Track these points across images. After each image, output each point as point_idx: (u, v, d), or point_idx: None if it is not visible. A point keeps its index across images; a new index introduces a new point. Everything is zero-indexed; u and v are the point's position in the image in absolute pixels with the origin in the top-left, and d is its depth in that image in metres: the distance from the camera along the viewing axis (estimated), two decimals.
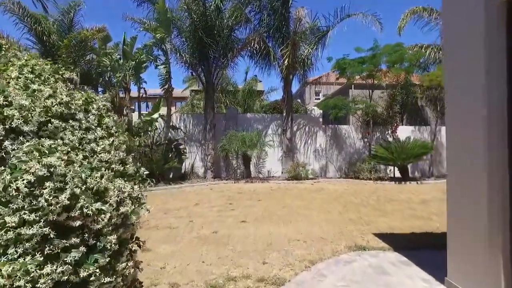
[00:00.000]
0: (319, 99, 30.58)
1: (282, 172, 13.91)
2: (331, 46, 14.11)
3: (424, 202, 8.37)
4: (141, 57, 12.05)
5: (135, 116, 13.71)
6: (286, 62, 12.77)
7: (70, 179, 1.57)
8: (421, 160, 12.93)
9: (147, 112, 13.75)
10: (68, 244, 1.53)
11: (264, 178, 13.32)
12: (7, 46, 2.27)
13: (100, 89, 12.78)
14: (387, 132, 14.76)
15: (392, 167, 14.04)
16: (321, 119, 14.78)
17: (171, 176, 13.84)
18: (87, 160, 1.77)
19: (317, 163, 14.55)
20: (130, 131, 12.65)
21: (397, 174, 13.91)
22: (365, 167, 13.10)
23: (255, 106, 21.63)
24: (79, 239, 1.56)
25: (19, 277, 1.36)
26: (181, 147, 13.54)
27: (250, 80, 23.99)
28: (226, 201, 8.60)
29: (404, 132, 14.40)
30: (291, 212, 7.19)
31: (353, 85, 19.44)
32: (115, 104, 12.22)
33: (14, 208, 1.45)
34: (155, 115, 12.93)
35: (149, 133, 13.13)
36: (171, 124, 13.56)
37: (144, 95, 14.53)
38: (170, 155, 12.76)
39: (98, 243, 1.64)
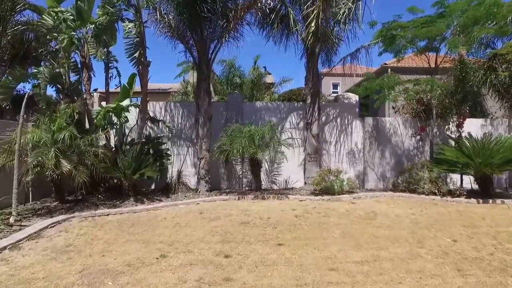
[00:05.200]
0: (337, 92, 26.71)
1: (305, 183, 9.94)
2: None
3: None
4: (101, 19, 8.18)
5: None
6: (313, 25, 8.78)
7: None
8: None
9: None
10: None
11: (281, 191, 9.37)
12: None
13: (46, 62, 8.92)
14: (447, 126, 10.70)
15: (458, 177, 9.99)
16: (357, 109, 10.76)
17: (152, 187, 10.07)
18: None
19: (352, 169, 10.55)
20: (90, 124, 8.87)
21: (465, 185, 9.89)
22: (425, 176, 9.05)
23: (265, 100, 17.93)
24: None
25: None
26: (162, 147, 9.68)
27: (257, 66, 20.36)
28: (220, 248, 4.67)
29: (471, 126, 10.33)
30: None
31: (389, 69, 15.53)
32: (63, 85, 8.39)
33: None
34: (124, 102, 9.07)
35: (115, 127, 9.30)
36: (148, 115, 9.68)
37: (117, 78, 10.69)
38: (148, 158, 8.86)
39: None
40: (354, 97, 10.70)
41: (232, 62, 18.64)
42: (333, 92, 28.27)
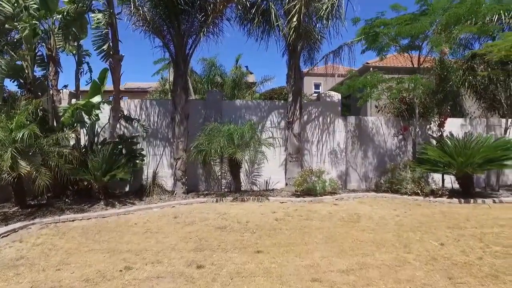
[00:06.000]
0: (318, 92, 26.71)
1: (286, 184, 9.64)
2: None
3: None
4: (68, 6, 7.59)
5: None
6: (295, 20, 8.47)
7: None
8: (505, 168, 8.75)
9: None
10: None
11: (261, 193, 9.00)
12: None
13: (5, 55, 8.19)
14: (428, 126, 10.64)
15: (439, 177, 9.93)
16: (339, 108, 10.53)
17: (126, 189, 9.52)
18: None
19: (334, 169, 10.31)
20: (57, 122, 8.24)
21: (446, 184, 9.84)
22: (408, 176, 8.91)
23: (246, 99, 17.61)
24: None
25: None
26: (136, 147, 9.14)
27: (239, 66, 20.06)
28: (193, 257, 4.25)
29: (452, 126, 10.30)
30: None
31: (371, 69, 15.46)
32: (26, 79, 7.74)
33: None
34: (95, 99, 8.46)
35: (86, 126, 8.69)
36: (121, 113, 9.13)
37: (88, 73, 10.05)
38: (120, 159, 8.28)
39: None
40: (336, 96, 10.48)
41: (213, 60, 18.26)
42: (315, 92, 28.24)
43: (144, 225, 5.95)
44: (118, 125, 9.24)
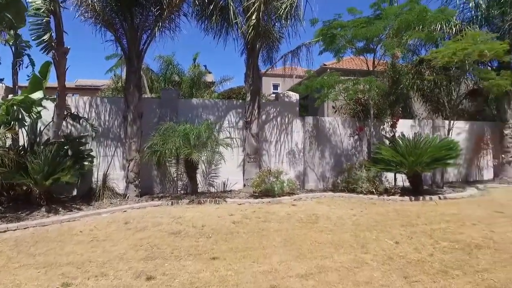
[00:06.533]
0: (276, 93, 26.90)
1: (244, 185, 9.46)
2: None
3: None
4: None
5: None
6: (254, 18, 8.32)
7: None
8: (449, 166, 9.33)
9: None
10: None
11: (218, 194, 8.76)
12: None
13: None
14: (382, 126, 11.07)
15: (392, 175, 10.35)
16: (298, 108, 10.59)
17: (74, 193, 8.77)
18: None
19: (292, 170, 10.33)
20: None
21: (398, 183, 10.30)
22: (364, 175, 9.16)
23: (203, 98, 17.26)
24: None
25: None
26: (84, 147, 8.45)
27: (197, 64, 19.64)
28: (143, 267, 3.92)
29: (403, 127, 10.79)
30: None
31: (328, 70, 15.83)
32: None
33: None
34: (36, 95, 7.65)
35: (25, 124, 7.87)
36: (68, 111, 8.41)
37: (30, 67, 9.16)
38: (65, 161, 7.57)
39: None
40: (294, 96, 10.52)
41: (170, 58, 17.68)
42: (273, 93, 28.43)
43: (91, 233, 5.46)
44: (64, 124, 8.51)
